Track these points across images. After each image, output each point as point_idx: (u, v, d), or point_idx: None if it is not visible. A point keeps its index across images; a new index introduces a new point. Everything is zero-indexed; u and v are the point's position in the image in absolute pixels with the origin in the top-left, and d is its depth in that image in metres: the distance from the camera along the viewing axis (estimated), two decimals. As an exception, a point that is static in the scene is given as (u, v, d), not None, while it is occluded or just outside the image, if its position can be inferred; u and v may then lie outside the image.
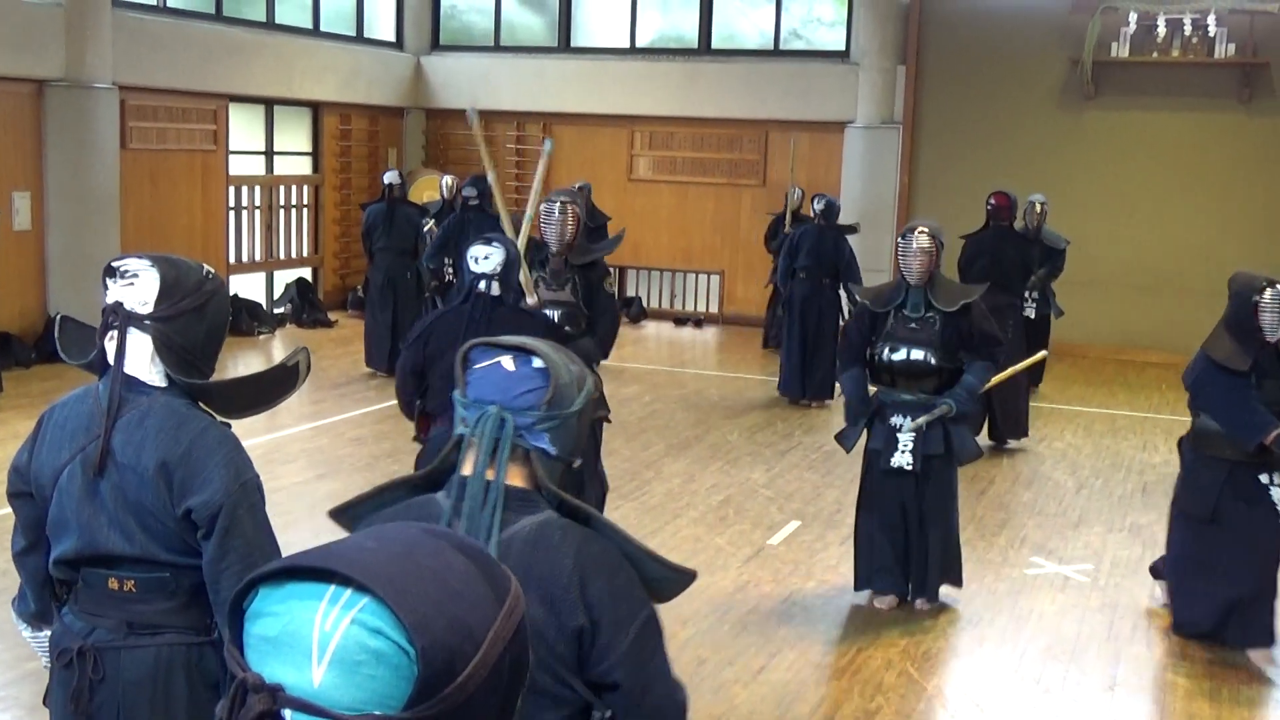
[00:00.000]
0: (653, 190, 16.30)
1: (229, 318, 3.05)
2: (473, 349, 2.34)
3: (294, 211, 15.64)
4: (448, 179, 11.95)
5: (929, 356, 6.03)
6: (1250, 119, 14.05)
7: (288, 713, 1.12)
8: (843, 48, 15.73)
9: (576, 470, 2.41)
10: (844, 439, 6.32)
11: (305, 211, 15.82)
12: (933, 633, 6.06)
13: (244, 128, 14.74)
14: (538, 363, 2.29)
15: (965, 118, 14.98)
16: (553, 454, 2.28)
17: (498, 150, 17.08)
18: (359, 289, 14.78)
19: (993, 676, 5.66)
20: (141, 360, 2.83)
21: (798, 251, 11.25)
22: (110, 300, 2.83)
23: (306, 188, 15.82)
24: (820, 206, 11.29)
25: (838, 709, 5.25)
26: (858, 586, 6.41)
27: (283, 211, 15.44)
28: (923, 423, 6.01)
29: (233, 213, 14.52)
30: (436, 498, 2.32)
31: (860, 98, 15.24)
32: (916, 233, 6.04)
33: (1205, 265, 14.20)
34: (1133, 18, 14.11)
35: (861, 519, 6.37)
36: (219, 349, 2.97)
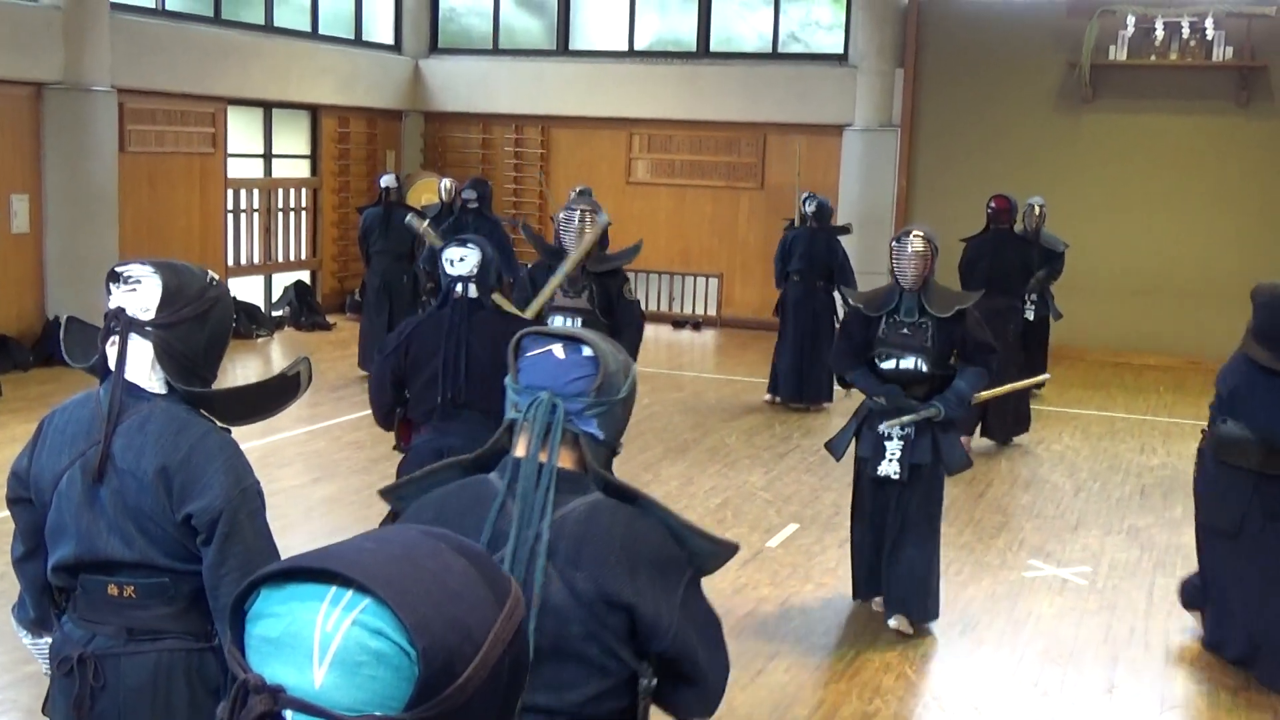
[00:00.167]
0: (651, 193, 16.31)
1: (232, 325, 3.03)
2: (524, 337, 2.47)
3: (292, 214, 15.64)
4: (446, 182, 11.94)
5: (920, 363, 5.91)
6: (1248, 122, 14.07)
7: (289, 713, 1.12)
8: (841, 50, 15.74)
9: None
10: (833, 447, 6.23)
11: (303, 214, 15.83)
12: (930, 636, 6.06)
13: (242, 131, 14.75)
14: (587, 351, 2.41)
15: (963, 120, 15.00)
16: (600, 438, 2.42)
17: (496, 154, 17.10)
18: (356, 292, 14.78)
19: (990, 679, 5.66)
20: (142, 367, 2.82)
21: (790, 255, 11.24)
22: (112, 305, 2.82)
23: (305, 190, 15.83)
24: (811, 209, 11.26)
25: (836, 712, 5.25)
26: (855, 595, 6.38)
27: (281, 214, 15.45)
28: (902, 422, 5.87)
29: (231, 215, 14.53)
30: (489, 478, 2.45)
31: (858, 100, 15.26)
32: (911, 236, 5.93)
33: (1203, 268, 14.25)
34: (1130, 21, 14.14)
35: (854, 527, 6.29)
36: (221, 356, 2.95)
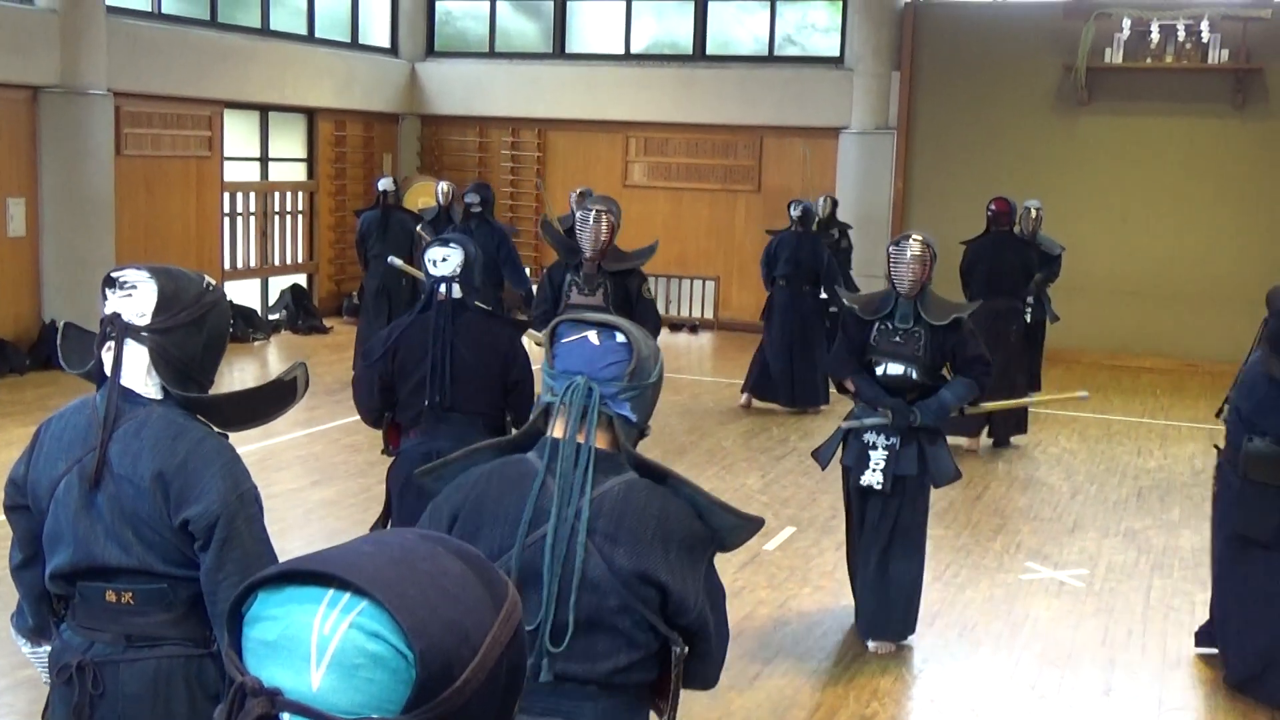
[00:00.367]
0: (648, 196, 16.31)
1: (229, 330, 3.02)
2: (560, 324, 2.60)
3: (289, 218, 15.64)
4: (443, 185, 11.93)
5: (910, 372, 5.75)
6: (1244, 124, 14.09)
7: (286, 716, 1.12)
8: (837, 53, 15.76)
9: None
10: (820, 455, 6.09)
11: (300, 218, 15.82)
12: (928, 638, 6.06)
13: (239, 134, 14.74)
14: (620, 338, 2.56)
15: (959, 123, 15.01)
16: (633, 420, 2.57)
17: (492, 157, 17.10)
18: (354, 295, 14.78)
19: (988, 682, 5.66)
20: (138, 372, 2.81)
21: (776, 259, 11.24)
22: (108, 311, 2.80)
23: (301, 194, 15.82)
24: (797, 213, 11.22)
25: (833, 714, 5.25)
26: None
27: (278, 218, 15.44)
28: (864, 425, 5.75)
29: (228, 219, 14.52)
30: (528, 457, 2.58)
31: (855, 103, 15.27)
32: (910, 241, 5.80)
33: (1199, 270, 14.26)
34: (1126, 23, 14.16)
35: (849, 532, 6.16)
36: (218, 361, 2.94)
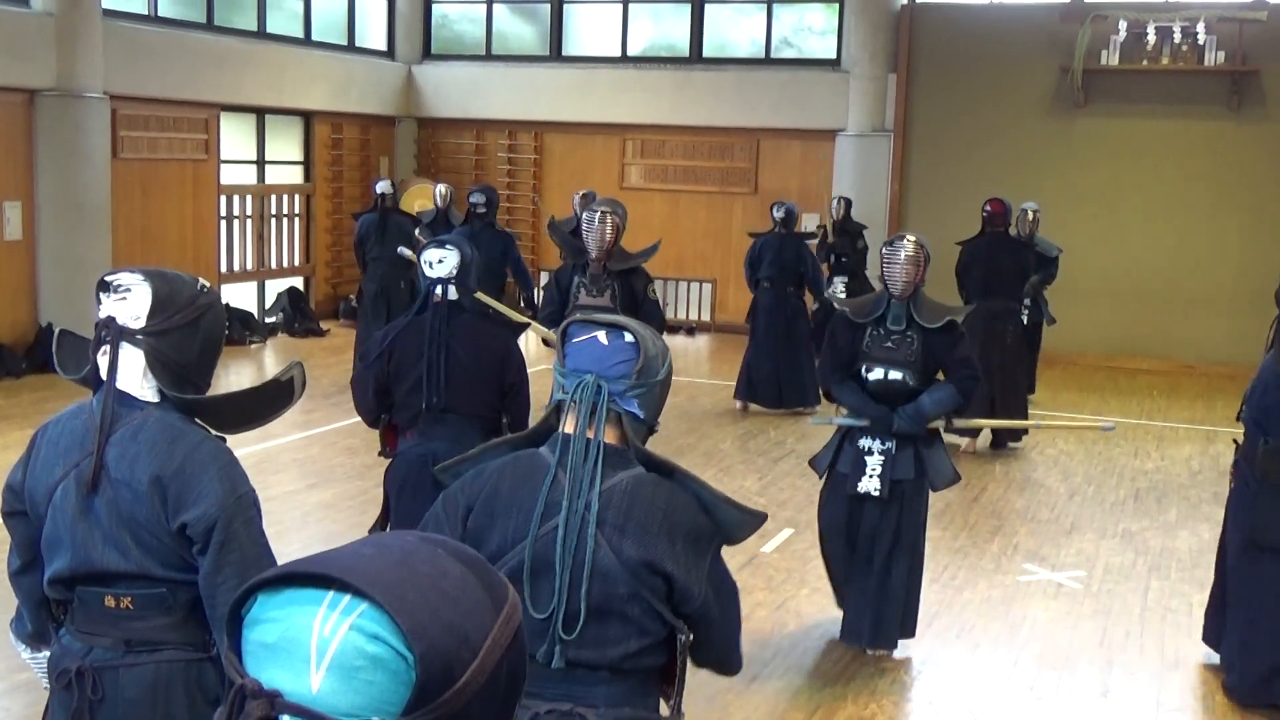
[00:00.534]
0: (645, 198, 16.29)
1: (224, 332, 3.01)
2: (571, 325, 2.70)
3: (285, 221, 15.63)
4: (441, 187, 11.93)
5: (906, 378, 5.66)
6: (1239, 126, 14.10)
7: (286, 718, 1.12)
8: (834, 56, 15.76)
9: None
10: (816, 463, 5.94)
11: (297, 221, 15.81)
12: (926, 640, 6.06)
13: (235, 137, 14.74)
14: (628, 337, 2.65)
15: (956, 125, 15.01)
16: (641, 417, 2.65)
17: (489, 160, 17.10)
18: (352, 298, 14.76)
19: (986, 684, 5.66)
20: (133, 376, 2.80)
21: (760, 262, 11.23)
22: (103, 315, 2.80)
23: (298, 197, 15.81)
24: (780, 215, 11.21)
25: (832, 716, 5.25)
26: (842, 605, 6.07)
27: (274, 221, 15.43)
28: (838, 423, 5.73)
29: (224, 222, 14.51)
30: (540, 452, 2.67)
31: (851, 106, 15.28)
32: (903, 242, 5.72)
33: (1196, 272, 14.28)
34: (1123, 25, 14.17)
35: (828, 544, 5.94)
36: (214, 364, 2.93)
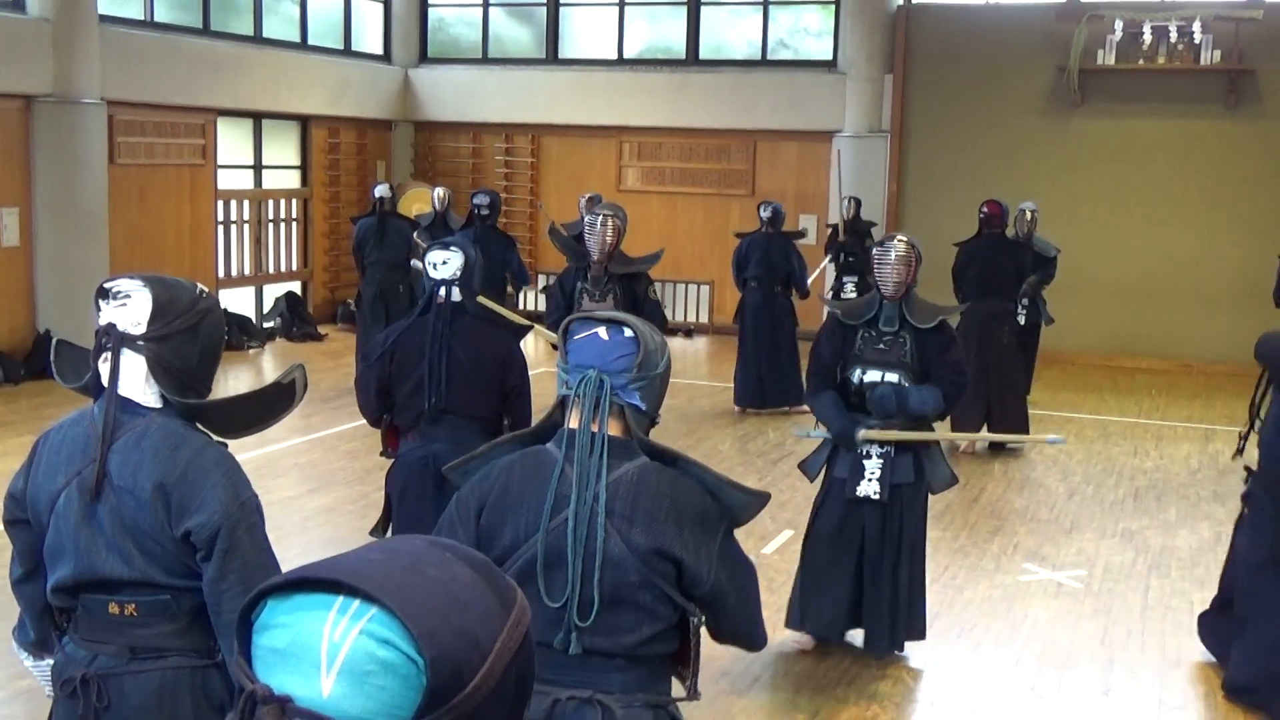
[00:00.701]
0: (642, 201, 16.29)
1: (224, 337, 3.02)
2: (572, 323, 2.77)
3: (283, 225, 15.62)
4: (439, 191, 11.93)
5: (902, 380, 5.57)
6: (1236, 125, 14.12)
7: (296, 723, 1.12)
8: (830, 57, 15.77)
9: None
10: (807, 467, 5.81)
11: (294, 225, 15.80)
12: (927, 641, 6.05)
13: (232, 142, 14.73)
14: (628, 332, 2.71)
15: (952, 126, 15.02)
16: (643, 409, 2.72)
17: (486, 163, 17.10)
18: (350, 302, 14.76)
19: (987, 684, 5.66)
20: (136, 382, 2.80)
21: (747, 261, 11.22)
22: (103, 322, 2.80)
23: (295, 201, 15.80)
24: (767, 214, 11.19)
25: (833, 718, 5.25)
26: (790, 624, 5.89)
27: (272, 225, 15.42)
28: (817, 435, 5.71)
29: (221, 227, 14.50)
30: (547, 448, 2.75)
31: (848, 107, 15.29)
32: (894, 242, 5.66)
33: (1193, 271, 14.29)
34: (1118, 25, 14.18)
35: (818, 554, 5.80)
36: (215, 368, 2.93)
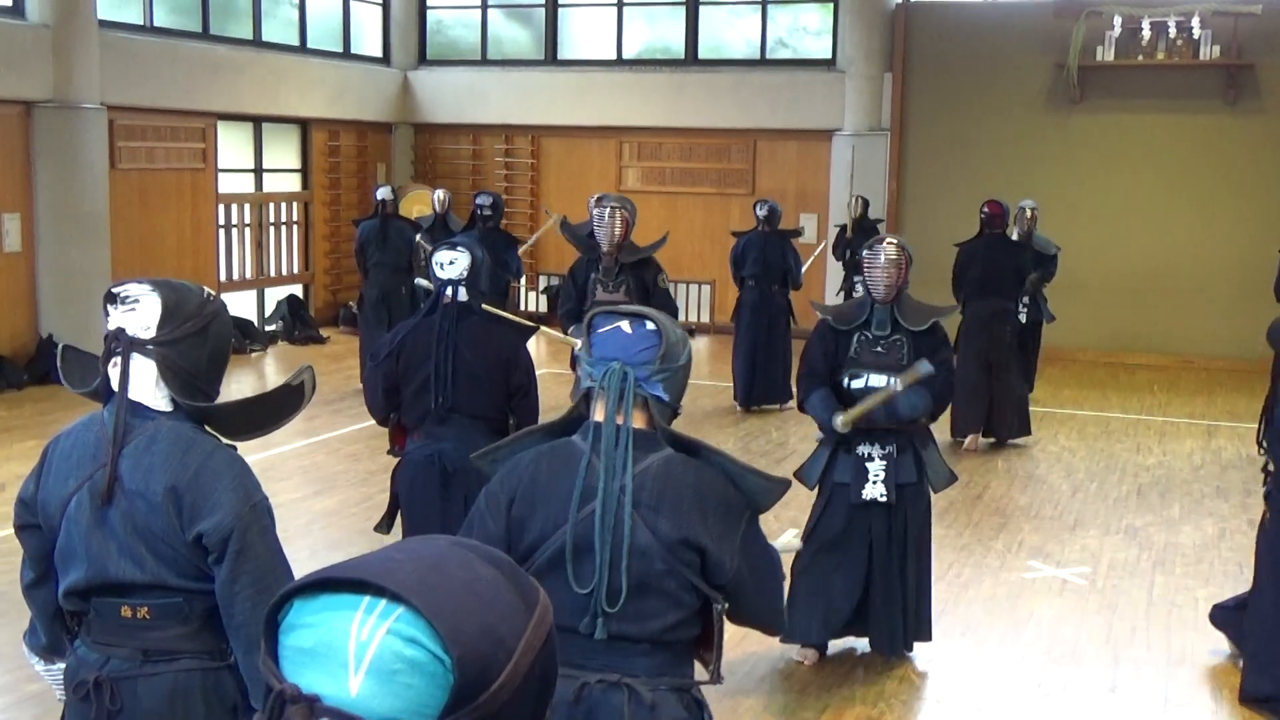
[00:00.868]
0: (642, 201, 16.18)
1: (232, 339, 3.03)
2: (595, 316, 2.81)
3: (284, 228, 15.62)
4: (440, 193, 11.94)
5: (899, 383, 5.44)
6: (1235, 120, 14.12)
7: (324, 723, 1.13)
8: (829, 56, 15.78)
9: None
10: (805, 475, 5.69)
11: (295, 228, 15.81)
12: (933, 639, 6.06)
13: (232, 146, 14.74)
14: (650, 325, 2.76)
15: (952, 124, 15.03)
16: (666, 400, 2.76)
17: (486, 164, 17.11)
18: (352, 305, 14.77)
19: (993, 681, 5.67)
20: (146, 385, 2.81)
21: (744, 260, 11.22)
22: (112, 327, 2.81)
23: (296, 204, 15.81)
24: (763, 213, 11.18)
25: (840, 716, 5.26)
26: (792, 638, 5.65)
27: (273, 229, 15.43)
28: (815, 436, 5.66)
29: (222, 231, 14.51)
30: (573, 440, 2.78)
31: (847, 105, 15.30)
32: (884, 244, 5.58)
33: (1193, 267, 14.29)
34: (1117, 21, 14.18)
35: (816, 561, 5.68)
36: (223, 370, 2.95)
